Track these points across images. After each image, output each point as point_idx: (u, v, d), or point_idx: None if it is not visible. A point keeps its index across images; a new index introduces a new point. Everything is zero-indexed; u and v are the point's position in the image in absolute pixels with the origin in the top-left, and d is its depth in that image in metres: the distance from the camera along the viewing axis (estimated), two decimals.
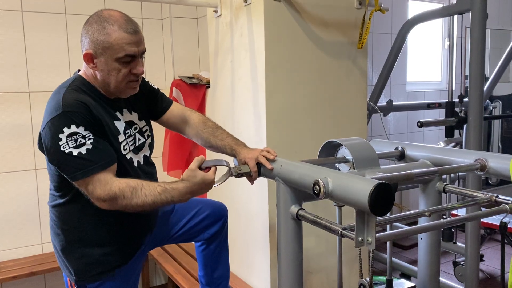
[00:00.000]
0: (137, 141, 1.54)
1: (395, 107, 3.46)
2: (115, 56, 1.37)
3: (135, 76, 1.44)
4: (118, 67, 1.39)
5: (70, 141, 1.32)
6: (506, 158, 1.35)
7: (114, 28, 1.36)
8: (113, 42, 1.35)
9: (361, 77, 2.27)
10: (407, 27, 3.13)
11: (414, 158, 1.62)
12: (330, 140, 1.50)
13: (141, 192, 1.34)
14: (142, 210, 1.37)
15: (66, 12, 2.71)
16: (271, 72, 1.99)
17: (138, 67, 1.42)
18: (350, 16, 2.18)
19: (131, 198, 1.33)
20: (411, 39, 4.33)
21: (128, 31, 1.37)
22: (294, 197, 1.31)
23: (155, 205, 1.35)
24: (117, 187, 1.33)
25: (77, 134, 1.32)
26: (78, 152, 1.31)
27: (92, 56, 1.39)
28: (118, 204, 1.34)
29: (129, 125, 1.53)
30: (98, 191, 1.33)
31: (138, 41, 1.40)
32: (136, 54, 1.40)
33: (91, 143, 1.33)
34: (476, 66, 2.44)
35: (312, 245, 2.16)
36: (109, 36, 1.35)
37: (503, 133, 5.39)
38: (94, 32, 1.37)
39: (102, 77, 1.42)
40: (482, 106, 2.49)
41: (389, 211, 1.00)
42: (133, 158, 1.51)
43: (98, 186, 1.33)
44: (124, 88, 1.45)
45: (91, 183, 1.33)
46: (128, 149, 1.49)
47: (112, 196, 1.33)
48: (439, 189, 1.48)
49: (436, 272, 1.59)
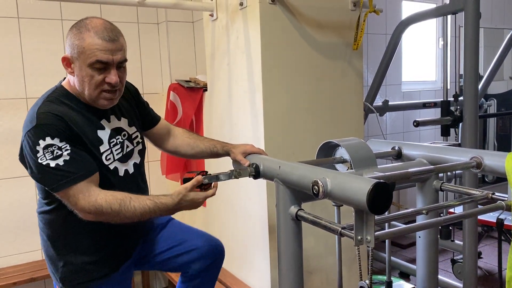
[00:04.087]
0: (125, 149, 1.52)
1: (391, 107, 3.49)
2: (87, 61, 1.35)
3: (109, 86, 1.40)
4: (91, 74, 1.36)
5: (47, 153, 1.30)
6: (501, 156, 1.37)
7: (89, 34, 1.35)
8: (85, 47, 1.34)
9: (356, 78, 2.29)
10: (401, 28, 3.16)
11: (411, 157, 1.64)
12: (328, 141, 1.52)
13: (130, 204, 1.32)
14: (130, 221, 1.35)
15: (62, 18, 2.72)
16: (268, 74, 2.01)
17: (111, 76, 1.38)
18: (344, 18, 2.20)
19: (119, 211, 1.31)
20: (405, 39, 4.36)
21: (103, 38, 1.35)
22: (293, 197, 1.32)
23: (143, 217, 1.34)
24: (103, 200, 1.31)
25: (53, 146, 1.31)
26: (55, 164, 1.30)
27: (69, 61, 1.40)
28: (104, 216, 1.32)
29: (117, 132, 1.51)
30: (82, 202, 1.31)
31: (114, 49, 1.37)
32: (110, 62, 1.37)
33: (68, 154, 1.31)
34: (470, 65, 2.46)
35: (312, 245, 2.18)
36: (83, 41, 1.35)
37: (498, 131, 5.43)
38: (72, 36, 1.38)
39: (78, 84, 1.41)
40: (477, 105, 2.51)
41: (387, 209, 1.02)
42: (118, 168, 1.48)
43: (82, 197, 1.31)
44: (97, 97, 1.41)
45: (72, 194, 1.31)
46: (112, 159, 1.46)
47: (98, 208, 1.30)
48: (436, 187, 1.49)
49: (434, 270, 1.61)
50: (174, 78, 2.88)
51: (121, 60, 1.41)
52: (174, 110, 2.70)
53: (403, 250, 3.84)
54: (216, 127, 2.45)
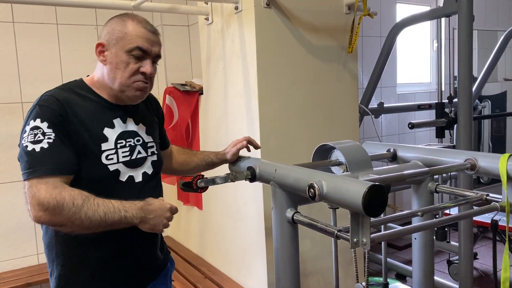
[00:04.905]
0: (135, 154, 1.41)
1: (386, 109, 3.51)
2: (126, 47, 1.32)
3: (143, 76, 1.37)
4: (127, 60, 1.33)
5: (30, 135, 1.23)
6: (495, 157, 1.38)
7: (133, 22, 1.35)
8: (127, 33, 1.33)
9: (352, 81, 2.30)
10: (395, 30, 3.18)
11: (406, 159, 1.65)
12: (323, 144, 1.53)
13: (94, 201, 1.20)
14: (88, 226, 1.19)
15: (57, 23, 2.72)
16: (264, 78, 2.02)
17: (147, 66, 1.36)
18: (339, 21, 2.21)
19: (81, 206, 1.17)
20: (400, 42, 4.38)
21: (145, 28, 1.36)
22: (289, 200, 1.32)
23: (105, 219, 1.20)
24: (68, 193, 1.18)
25: (38, 129, 1.23)
26: (32, 148, 1.21)
27: (104, 47, 1.36)
28: (63, 212, 1.16)
29: (129, 135, 1.42)
30: (43, 193, 1.16)
31: (154, 41, 1.37)
32: (149, 51, 1.36)
33: (48, 143, 1.22)
34: (464, 67, 2.48)
35: (308, 248, 2.18)
36: (125, 27, 1.34)
37: (493, 132, 5.45)
38: (114, 23, 1.37)
39: (109, 72, 1.35)
40: (471, 106, 2.53)
41: (383, 212, 1.02)
42: (121, 171, 1.36)
43: (44, 188, 1.17)
44: (129, 86, 1.36)
45: (35, 185, 1.17)
46: (116, 160, 1.35)
47: (59, 201, 1.16)
48: (431, 189, 1.50)
49: (430, 271, 1.61)
50: (170, 82, 2.88)
51: (158, 54, 1.40)
52: (170, 113, 2.71)
53: (399, 252, 3.86)
54: (212, 130, 2.45)
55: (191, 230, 2.82)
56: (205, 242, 2.68)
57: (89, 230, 1.21)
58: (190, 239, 2.86)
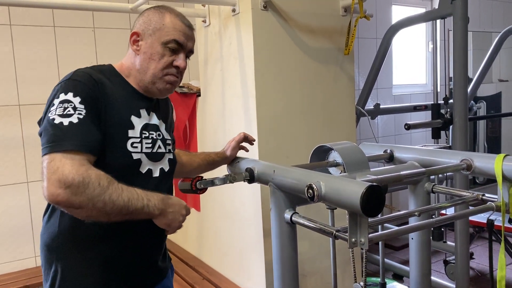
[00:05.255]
0: (155, 148, 1.37)
1: (382, 110, 3.52)
2: (163, 39, 1.32)
3: (175, 70, 1.35)
4: (162, 52, 1.32)
5: (59, 108, 1.15)
6: (490, 158, 1.40)
7: (171, 15, 1.35)
8: (165, 24, 1.32)
9: (348, 82, 2.32)
10: (391, 32, 3.20)
11: (403, 160, 1.66)
12: (321, 145, 1.54)
13: (118, 185, 1.14)
14: (108, 211, 1.12)
15: (54, 25, 2.72)
16: (261, 79, 2.03)
17: (180, 60, 1.35)
18: (336, 23, 2.23)
19: (107, 188, 1.10)
20: (395, 43, 4.41)
21: (183, 22, 1.36)
22: (287, 201, 1.34)
23: (128, 205, 1.14)
24: (94, 172, 1.11)
25: (69, 103, 1.16)
26: (59, 122, 1.13)
27: (139, 36, 1.35)
28: (86, 192, 1.08)
29: (153, 128, 1.37)
30: (68, 169, 1.07)
31: (189, 35, 1.37)
32: (184, 45, 1.35)
33: (78, 118, 1.15)
34: (460, 68, 2.50)
35: (306, 249, 2.19)
36: (163, 19, 1.33)
37: (488, 133, 5.49)
38: (151, 14, 1.36)
39: (142, 62, 1.34)
40: (467, 107, 2.55)
41: (381, 212, 1.04)
42: (142, 162, 1.31)
43: (70, 164, 1.08)
44: (160, 78, 1.34)
45: (59, 159, 1.09)
46: (140, 149, 1.30)
47: (85, 179, 1.08)
48: (428, 189, 1.52)
49: (427, 270, 1.63)
50: None
51: (191, 49, 1.39)
52: None
53: (396, 252, 3.87)
54: (209, 132, 2.46)
55: (189, 232, 2.83)
56: (203, 244, 2.68)
57: (106, 217, 1.14)
58: (188, 241, 2.87)
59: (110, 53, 2.86)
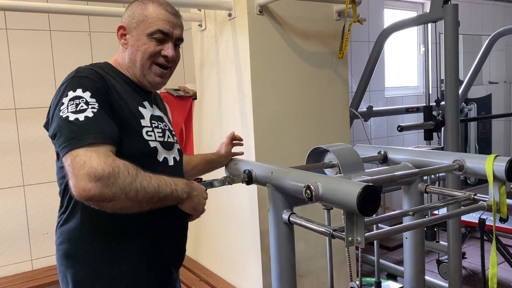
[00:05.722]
0: (166, 137, 1.36)
1: (375, 112, 3.57)
2: (147, 30, 1.30)
3: (164, 60, 1.34)
4: (148, 43, 1.31)
5: (71, 105, 1.13)
6: (482, 158, 1.43)
7: (153, 5, 1.33)
8: (148, 15, 1.31)
9: (342, 85, 2.35)
10: (383, 36, 3.25)
11: (396, 161, 1.70)
12: (317, 147, 1.57)
13: (145, 173, 1.13)
14: (141, 199, 1.11)
15: (50, 29, 2.73)
16: (257, 83, 2.06)
17: (168, 49, 1.33)
18: (330, 28, 2.27)
19: (136, 175, 1.10)
20: (388, 46, 4.46)
21: (166, 10, 1.34)
22: (285, 202, 1.36)
23: (159, 191, 1.14)
24: (121, 162, 1.09)
25: (80, 99, 1.15)
26: (75, 118, 1.11)
27: (125, 30, 1.35)
28: (118, 182, 1.06)
29: (158, 119, 1.38)
30: (95, 161, 1.05)
31: (175, 23, 1.34)
32: (170, 34, 1.33)
33: (93, 112, 1.13)
34: (451, 71, 2.55)
35: (302, 249, 2.22)
36: (146, 10, 1.32)
37: (479, 134, 5.56)
38: (134, 6, 1.35)
39: (130, 55, 1.34)
40: (458, 109, 2.60)
41: (376, 211, 1.07)
42: (158, 150, 1.31)
43: (96, 156, 1.06)
44: (148, 70, 1.33)
45: (83, 154, 1.06)
46: (154, 138, 1.30)
47: (115, 169, 1.06)
48: (421, 189, 1.55)
49: (421, 269, 1.66)
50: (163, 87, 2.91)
51: (180, 37, 1.37)
52: None
53: (390, 253, 3.92)
54: (206, 135, 2.49)
55: None
56: (200, 245, 2.70)
57: (139, 206, 1.13)
58: None
59: (106, 57, 2.85)
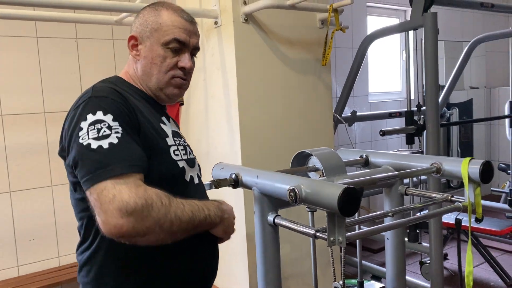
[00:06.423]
0: (188, 154, 1.28)
1: (358, 117, 3.64)
2: (162, 39, 1.20)
3: (181, 72, 1.24)
4: (163, 54, 1.21)
5: (92, 131, 1.02)
6: (458, 161, 1.50)
7: (168, 11, 1.22)
8: (162, 23, 1.20)
9: (326, 91, 2.42)
10: (366, 42, 3.33)
11: (378, 164, 1.75)
12: (301, 151, 1.62)
13: (177, 200, 1.05)
14: (176, 230, 1.03)
15: (37, 36, 2.75)
16: (243, 89, 2.11)
17: (185, 59, 1.23)
18: (313, 35, 2.34)
19: (170, 205, 1.01)
20: (371, 52, 4.55)
21: (182, 17, 1.23)
22: (270, 205, 1.41)
23: (193, 218, 1.07)
24: (153, 191, 1.00)
25: (102, 123, 1.03)
26: (98, 146, 1.00)
27: (137, 40, 1.24)
28: (152, 214, 0.97)
29: (178, 135, 1.29)
30: (126, 194, 0.95)
31: (191, 31, 1.24)
32: (187, 43, 1.23)
33: (117, 137, 1.02)
34: (431, 77, 2.63)
35: (287, 252, 2.27)
36: (160, 17, 1.21)
37: (461, 138, 5.68)
38: (146, 14, 1.24)
39: (144, 68, 1.23)
40: (438, 114, 2.68)
41: (356, 212, 1.12)
42: (186, 169, 1.22)
43: (127, 188, 0.96)
44: (166, 83, 1.23)
45: (112, 187, 0.96)
46: (180, 157, 1.22)
47: (148, 200, 0.97)
48: (402, 192, 1.61)
49: (402, 269, 1.72)
50: None
51: (196, 46, 1.27)
52: None
53: (374, 255, 3.99)
54: (193, 141, 2.52)
55: None
56: None
57: (173, 237, 1.05)
58: None
59: (94, 63, 2.90)
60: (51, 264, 2.76)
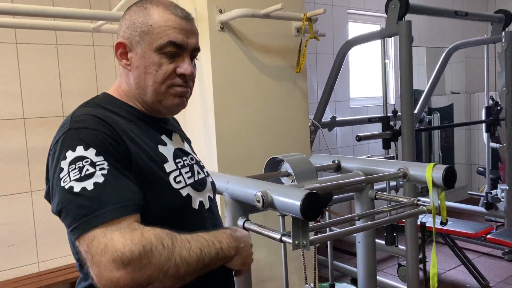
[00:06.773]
0: (196, 174, 1.13)
1: (338, 122, 3.70)
2: (155, 44, 1.01)
3: (181, 79, 1.05)
4: (158, 61, 1.02)
5: (73, 171, 0.88)
6: (423, 166, 1.55)
7: (158, 8, 1.03)
8: (153, 24, 1.01)
9: (301, 97, 2.47)
10: (345, 48, 3.40)
11: (349, 169, 1.80)
12: (273, 157, 1.67)
13: (182, 237, 0.91)
14: (183, 273, 0.89)
15: (16, 42, 2.75)
16: (219, 96, 2.15)
17: (184, 64, 1.04)
18: (289, 43, 2.39)
19: (173, 246, 0.87)
20: (354, 58, 4.63)
21: (176, 14, 1.04)
22: (240, 210, 1.44)
23: (202, 257, 0.92)
24: (152, 233, 0.86)
25: (84, 160, 0.88)
26: (81, 188, 0.86)
27: (125, 48, 1.05)
28: (152, 261, 0.84)
29: (183, 153, 1.15)
30: (120, 242, 0.82)
31: (189, 30, 1.05)
32: (184, 45, 1.04)
33: (103, 175, 0.88)
34: (405, 83, 2.70)
35: (264, 256, 2.30)
36: (150, 16, 1.02)
37: (442, 142, 5.78)
38: (132, 14, 1.05)
39: (137, 79, 1.05)
40: (413, 119, 2.75)
41: (319, 216, 1.16)
42: (192, 196, 1.08)
43: (119, 235, 0.83)
44: (164, 94, 1.05)
45: (102, 235, 0.83)
46: (184, 183, 1.06)
47: (146, 246, 0.83)
48: (371, 196, 1.66)
49: (373, 271, 1.77)
50: None
51: (196, 47, 1.08)
52: None
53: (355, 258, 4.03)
54: None
55: None
56: None
57: (182, 281, 0.90)
58: None
59: (74, 69, 2.92)
60: (31, 270, 2.75)
